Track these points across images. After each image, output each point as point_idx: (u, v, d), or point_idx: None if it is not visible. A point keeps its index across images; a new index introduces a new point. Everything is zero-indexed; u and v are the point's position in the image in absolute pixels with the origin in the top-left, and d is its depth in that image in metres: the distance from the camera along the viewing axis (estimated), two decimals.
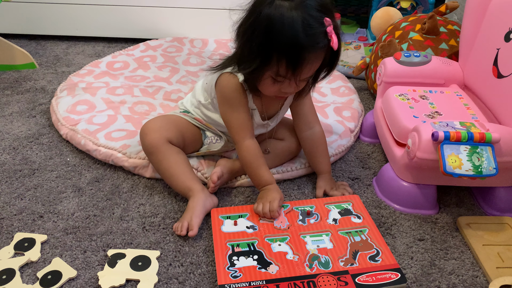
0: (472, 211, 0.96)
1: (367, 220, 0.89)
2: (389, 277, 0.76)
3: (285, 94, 0.89)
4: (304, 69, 0.82)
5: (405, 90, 1.05)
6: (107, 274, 0.78)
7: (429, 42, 1.23)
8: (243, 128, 0.92)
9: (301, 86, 0.88)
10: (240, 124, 0.92)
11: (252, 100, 0.94)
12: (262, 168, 0.92)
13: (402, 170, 0.94)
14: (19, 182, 1.01)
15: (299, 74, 0.82)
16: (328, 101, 1.30)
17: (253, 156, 0.92)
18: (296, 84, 0.86)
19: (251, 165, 0.92)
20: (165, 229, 0.89)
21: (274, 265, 0.78)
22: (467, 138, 0.83)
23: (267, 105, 0.97)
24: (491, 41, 0.97)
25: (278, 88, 0.86)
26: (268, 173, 0.92)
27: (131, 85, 1.36)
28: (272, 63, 0.81)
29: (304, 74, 0.84)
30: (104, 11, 1.68)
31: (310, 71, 0.84)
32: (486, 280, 0.80)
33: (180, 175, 0.93)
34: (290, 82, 0.85)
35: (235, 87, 0.90)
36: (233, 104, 0.91)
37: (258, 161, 0.92)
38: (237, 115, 0.92)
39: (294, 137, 1.03)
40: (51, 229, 0.88)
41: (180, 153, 0.96)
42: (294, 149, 1.04)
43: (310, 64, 0.82)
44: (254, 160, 0.92)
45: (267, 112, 0.98)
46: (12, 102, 1.32)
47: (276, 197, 0.88)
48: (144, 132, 0.96)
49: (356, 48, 1.72)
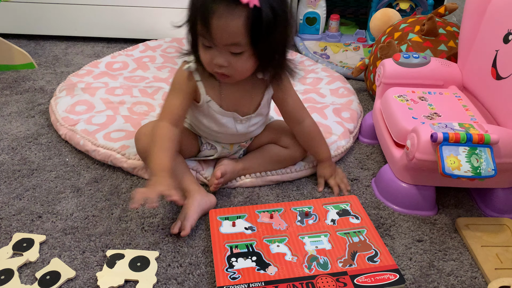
0: (471, 212, 0.96)
1: (365, 221, 0.89)
2: (388, 278, 0.76)
3: (218, 67, 0.82)
4: (214, 23, 0.76)
5: (404, 91, 1.05)
6: (106, 275, 0.78)
7: (428, 43, 1.23)
8: (167, 111, 0.90)
9: (235, 62, 0.81)
10: (167, 106, 0.90)
11: (205, 92, 0.90)
12: (162, 151, 0.86)
13: (401, 171, 0.94)
14: (17, 182, 1.01)
15: (211, 30, 0.77)
16: (327, 102, 1.30)
17: (160, 135, 0.87)
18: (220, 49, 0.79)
19: (154, 145, 0.87)
20: (164, 229, 0.89)
21: (273, 266, 0.78)
22: (466, 139, 0.83)
23: (231, 98, 0.92)
24: (490, 42, 0.97)
25: (211, 58, 0.81)
26: (166, 160, 0.85)
27: (130, 85, 1.36)
28: (195, 21, 0.79)
29: (219, 32, 0.77)
30: (103, 11, 1.68)
31: (226, 30, 0.76)
32: (485, 281, 0.80)
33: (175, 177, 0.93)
34: (217, 48, 0.80)
35: (179, 74, 0.91)
36: (173, 89, 0.91)
37: (163, 142, 0.86)
38: (170, 98, 0.91)
39: (298, 146, 1.01)
40: (50, 229, 0.88)
41: (176, 157, 0.95)
42: (298, 157, 1.04)
43: (220, 18, 0.75)
44: (159, 139, 0.87)
45: (236, 107, 0.93)
46: (11, 102, 1.32)
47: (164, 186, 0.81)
48: (137, 137, 0.96)
49: (355, 49, 1.72)
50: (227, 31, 0.77)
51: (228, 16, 0.76)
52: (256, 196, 0.99)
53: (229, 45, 0.79)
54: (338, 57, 1.66)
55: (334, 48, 1.73)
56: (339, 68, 1.54)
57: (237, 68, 0.83)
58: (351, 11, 2.13)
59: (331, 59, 1.64)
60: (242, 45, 0.79)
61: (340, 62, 1.61)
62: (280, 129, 1.03)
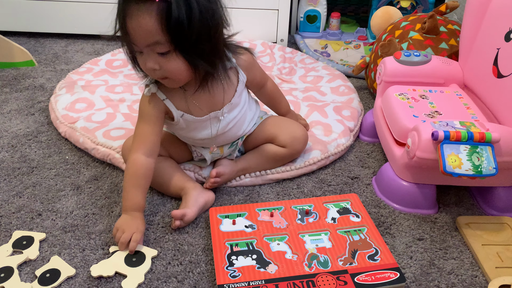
0: (472, 210, 0.96)
1: (365, 219, 0.89)
2: (388, 276, 0.76)
3: (153, 72, 0.80)
4: (129, 24, 0.75)
5: (405, 89, 1.05)
6: (101, 264, 0.79)
7: (429, 41, 1.23)
8: (141, 141, 0.87)
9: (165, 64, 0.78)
10: (139, 135, 0.88)
11: (175, 107, 0.89)
12: (135, 189, 0.85)
13: (402, 169, 0.94)
14: (17, 180, 1.01)
15: (127, 31, 0.76)
16: (327, 100, 1.30)
17: (134, 172, 0.85)
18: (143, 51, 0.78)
19: (125, 180, 0.86)
20: (164, 227, 0.89)
21: (273, 265, 0.78)
22: (467, 137, 0.83)
23: (203, 101, 0.90)
24: (491, 40, 0.97)
25: (143, 62, 0.80)
26: (137, 196, 0.84)
27: (130, 83, 1.36)
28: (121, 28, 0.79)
29: (133, 32, 0.76)
30: (103, 8, 1.68)
31: (140, 29, 0.75)
32: (485, 280, 0.80)
33: (169, 180, 0.93)
34: (145, 52, 0.78)
35: (144, 98, 0.89)
36: (141, 115, 0.89)
37: (136, 180, 0.85)
38: (141, 126, 0.88)
39: (296, 144, 1.00)
40: (50, 227, 0.88)
41: (162, 160, 0.95)
42: (296, 154, 1.03)
43: (131, 18, 0.75)
44: (132, 177, 0.85)
45: (212, 107, 0.91)
46: (11, 100, 1.32)
47: (132, 229, 0.81)
48: (122, 153, 0.96)
49: (356, 47, 1.72)
50: (142, 30, 0.75)
51: (138, 15, 0.74)
52: (257, 194, 0.99)
53: (152, 45, 0.77)
54: (339, 55, 1.66)
55: (334, 46, 1.73)
56: (340, 66, 1.54)
57: (168, 69, 0.79)
58: (352, 9, 2.13)
59: (332, 57, 1.63)
60: (163, 43, 0.76)
61: (340, 60, 1.61)
62: (276, 127, 1.01)
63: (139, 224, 0.83)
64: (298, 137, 1.00)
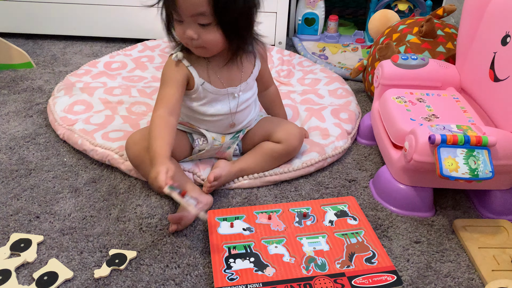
0: (468, 213, 0.96)
1: (363, 222, 0.89)
2: (385, 279, 0.77)
3: (190, 40, 0.87)
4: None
5: (402, 92, 1.06)
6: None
7: (426, 45, 1.23)
8: (162, 100, 0.91)
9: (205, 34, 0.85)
10: (161, 97, 0.92)
11: (198, 75, 0.94)
12: (158, 140, 0.86)
13: (399, 172, 0.94)
14: (15, 182, 1.01)
15: (177, 2, 0.82)
16: (325, 103, 1.30)
17: (156, 126, 0.88)
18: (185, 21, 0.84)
19: (150, 135, 0.88)
20: (162, 230, 0.89)
21: (271, 268, 0.78)
22: (464, 141, 0.83)
23: (223, 75, 0.96)
24: (488, 44, 0.98)
25: (182, 31, 0.86)
26: (162, 146, 0.85)
27: (128, 85, 1.36)
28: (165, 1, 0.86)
29: (184, 4, 0.82)
30: (102, 10, 1.68)
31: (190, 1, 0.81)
32: (482, 283, 0.80)
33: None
34: (186, 22, 0.84)
35: (169, 65, 0.94)
36: (164, 80, 0.94)
37: (157, 132, 0.87)
38: (163, 89, 0.93)
39: (291, 140, 1.02)
40: (48, 229, 0.88)
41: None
42: (292, 151, 1.04)
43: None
44: (155, 130, 0.87)
45: (230, 82, 0.97)
46: (9, 102, 1.32)
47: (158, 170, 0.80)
48: (126, 147, 0.97)
49: (353, 50, 1.73)
50: (191, 1, 0.82)
51: None
52: (254, 197, 0.99)
53: (195, 16, 0.83)
54: (337, 58, 1.66)
55: (332, 49, 1.73)
56: (338, 69, 1.54)
57: (206, 39, 0.86)
58: (350, 12, 2.14)
59: (330, 60, 1.64)
60: (207, 15, 0.83)
61: (338, 63, 1.61)
62: (272, 124, 1.05)
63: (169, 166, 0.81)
64: (293, 133, 1.03)
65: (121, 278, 0.79)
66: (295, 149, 1.04)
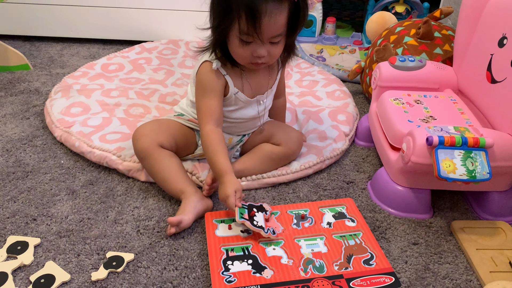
0: (466, 215, 0.96)
1: (361, 224, 0.89)
2: (384, 281, 0.77)
3: (258, 58, 0.88)
4: (265, 21, 0.82)
5: (399, 94, 1.06)
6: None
7: (423, 46, 1.24)
8: (209, 113, 0.92)
9: (274, 50, 0.88)
10: (207, 109, 0.93)
11: (233, 84, 0.95)
12: (219, 155, 0.89)
13: (397, 174, 0.94)
14: (12, 185, 1.00)
15: (261, 27, 0.82)
16: (323, 105, 1.30)
17: (212, 141, 0.90)
18: (264, 42, 0.86)
19: (208, 150, 0.91)
20: (160, 232, 0.88)
21: (269, 270, 0.78)
22: (461, 143, 0.83)
23: (254, 83, 0.98)
24: (485, 46, 0.98)
25: (250, 52, 0.87)
26: (224, 161, 0.89)
27: (126, 87, 1.36)
28: (233, 20, 0.83)
29: (268, 28, 0.83)
30: (99, 12, 1.68)
31: (274, 25, 0.84)
32: (480, 284, 0.80)
33: (172, 178, 0.94)
34: (259, 42, 0.86)
35: (209, 73, 0.93)
36: (205, 89, 0.93)
37: (216, 147, 0.90)
38: (207, 100, 0.93)
39: (291, 143, 1.02)
40: (45, 232, 0.88)
41: (173, 157, 0.96)
42: (291, 154, 1.04)
43: (271, 16, 0.82)
44: (212, 145, 0.90)
45: (258, 90, 0.99)
46: (6, 104, 1.32)
47: (229, 192, 0.85)
48: (135, 137, 0.97)
49: (351, 52, 1.73)
50: (276, 26, 0.84)
51: (277, 13, 0.83)
52: (252, 198, 0.99)
53: (273, 37, 0.86)
54: (334, 59, 1.66)
55: (330, 50, 1.73)
56: (335, 71, 1.54)
57: (274, 54, 0.90)
58: (347, 14, 2.14)
59: (327, 61, 1.64)
60: (282, 35, 0.87)
61: (336, 64, 1.61)
62: (272, 127, 1.05)
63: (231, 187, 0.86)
64: (293, 136, 1.04)
65: (119, 280, 0.78)
66: (294, 153, 1.04)
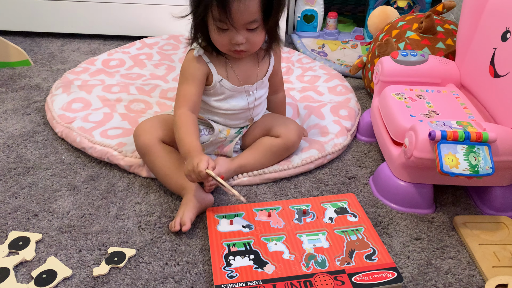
0: (469, 210, 0.96)
1: (363, 219, 0.89)
2: (386, 276, 0.76)
3: (237, 46, 0.88)
4: (234, 6, 0.82)
5: (402, 89, 1.05)
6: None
7: (426, 41, 1.23)
8: (184, 98, 0.93)
9: (252, 37, 0.88)
10: (183, 94, 0.93)
11: (217, 71, 0.95)
12: (189, 136, 0.89)
13: (399, 169, 0.94)
14: (13, 180, 1.00)
15: (231, 13, 0.82)
16: (325, 100, 1.30)
17: (183, 122, 0.90)
18: (238, 29, 0.85)
19: (179, 132, 0.90)
20: (161, 228, 0.88)
21: (271, 265, 0.78)
22: (464, 137, 0.83)
23: (241, 72, 0.97)
24: (488, 40, 0.97)
25: (228, 39, 0.87)
26: (194, 141, 0.88)
27: (127, 83, 1.35)
28: (206, 7, 0.84)
29: (238, 13, 0.83)
30: (99, 8, 1.67)
31: (246, 12, 0.83)
32: (482, 279, 0.80)
33: (173, 174, 0.94)
34: (235, 30, 0.86)
35: (190, 60, 0.94)
36: (184, 75, 0.94)
37: (186, 128, 0.89)
38: (184, 86, 0.94)
39: (290, 134, 1.02)
40: (46, 228, 0.88)
41: (174, 152, 0.96)
42: (291, 145, 1.03)
43: (240, 1, 0.82)
44: (183, 127, 0.90)
45: (247, 80, 0.99)
46: (7, 100, 1.31)
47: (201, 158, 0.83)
48: (136, 133, 0.97)
49: (353, 47, 1.72)
50: (248, 11, 0.83)
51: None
52: (254, 194, 0.98)
53: (247, 23, 0.86)
54: (336, 54, 1.66)
55: (332, 45, 1.73)
56: (337, 66, 1.54)
57: (253, 42, 0.89)
58: (349, 9, 2.13)
59: (329, 56, 1.63)
60: (258, 21, 0.86)
61: (338, 59, 1.61)
62: (271, 120, 1.06)
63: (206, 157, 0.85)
64: (292, 127, 1.03)
65: (120, 276, 0.78)
66: (294, 144, 1.04)
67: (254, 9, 0.84)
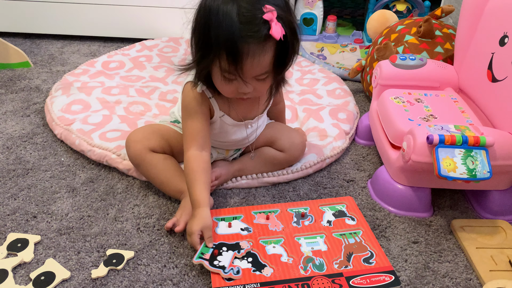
0: (466, 214, 0.96)
1: (361, 222, 0.89)
2: (383, 279, 0.77)
3: (244, 95, 0.83)
4: (247, 63, 0.76)
5: (400, 93, 1.06)
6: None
7: (424, 45, 1.23)
8: (192, 137, 0.88)
9: (260, 86, 0.83)
10: (190, 133, 0.89)
11: (218, 107, 0.91)
12: (196, 185, 0.85)
13: (397, 172, 0.94)
14: (12, 182, 1.00)
15: (242, 68, 0.76)
16: (323, 103, 1.30)
17: (192, 169, 0.86)
18: (247, 82, 0.80)
19: (187, 178, 0.87)
20: (160, 230, 0.88)
21: (269, 268, 0.78)
22: (462, 141, 0.83)
23: (242, 109, 0.94)
24: (486, 45, 0.98)
25: (235, 88, 0.82)
26: (201, 192, 0.84)
27: (126, 85, 1.35)
28: (214, 58, 0.77)
29: (250, 69, 0.77)
30: (100, 10, 1.68)
31: (258, 66, 0.77)
32: (480, 283, 0.80)
33: (169, 180, 0.94)
34: (244, 82, 0.80)
35: (193, 97, 0.88)
36: (188, 111, 0.89)
37: (195, 176, 0.86)
38: (191, 123, 0.89)
39: (294, 150, 1.02)
40: (45, 229, 0.88)
41: (167, 159, 0.96)
42: (293, 161, 1.04)
43: (253, 57, 0.76)
44: (192, 173, 0.86)
45: (247, 115, 0.95)
46: (6, 101, 1.31)
47: (194, 230, 0.80)
48: (127, 145, 0.96)
49: (352, 51, 1.73)
50: (260, 66, 0.78)
51: (260, 54, 0.76)
52: (252, 197, 0.99)
53: (257, 75, 0.80)
54: (335, 58, 1.66)
55: (331, 49, 1.73)
56: (336, 69, 1.54)
57: (260, 90, 0.84)
58: (348, 12, 2.14)
59: (328, 60, 1.64)
60: (268, 72, 0.81)
61: (337, 63, 1.61)
62: (276, 132, 1.03)
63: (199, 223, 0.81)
64: (297, 143, 1.02)
65: (119, 278, 0.78)
66: (297, 159, 1.04)
67: (266, 63, 0.78)
